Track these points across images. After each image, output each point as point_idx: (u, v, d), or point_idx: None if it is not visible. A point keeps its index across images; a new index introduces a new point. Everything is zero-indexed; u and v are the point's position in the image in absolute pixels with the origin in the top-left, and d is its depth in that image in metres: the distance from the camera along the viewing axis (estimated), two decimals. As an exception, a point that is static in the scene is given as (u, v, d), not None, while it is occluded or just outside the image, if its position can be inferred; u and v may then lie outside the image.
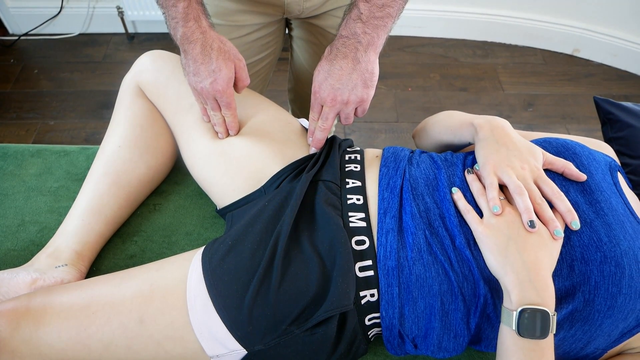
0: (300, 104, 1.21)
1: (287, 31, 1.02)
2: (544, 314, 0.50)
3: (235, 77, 0.70)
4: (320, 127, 0.72)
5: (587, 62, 1.99)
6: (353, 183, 0.68)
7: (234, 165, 0.72)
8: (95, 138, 1.66)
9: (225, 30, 0.85)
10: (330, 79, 0.69)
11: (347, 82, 0.68)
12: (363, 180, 0.68)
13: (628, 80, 1.92)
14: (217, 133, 0.74)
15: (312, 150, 0.75)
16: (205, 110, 0.73)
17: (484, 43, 2.06)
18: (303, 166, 0.71)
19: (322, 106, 0.71)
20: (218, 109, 0.71)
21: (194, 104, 0.75)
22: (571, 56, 2.01)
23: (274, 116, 0.78)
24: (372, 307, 0.60)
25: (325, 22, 0.91)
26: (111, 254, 0.79)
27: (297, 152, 0.74)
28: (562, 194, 0.57)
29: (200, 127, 0.75)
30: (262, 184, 0.70)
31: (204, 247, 0.64)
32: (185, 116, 0.76)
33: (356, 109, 0.73)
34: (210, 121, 0.74)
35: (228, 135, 0.74)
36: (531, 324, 0.50)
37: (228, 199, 0.73)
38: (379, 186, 0.66)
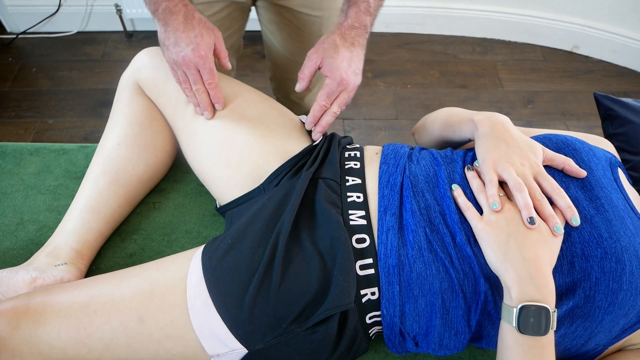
0: (284, 92, 1.20)
1: (257, 19, 1.03)
2: (545, 311, 0.50)
3: (215, 49, 0.72)
4: (334, 113, 0.74)
5: (586, 59, 1.99)
6: (353, 180, 0.68)
7: (236, 159, 0.72)
8: (94, 136, 1.66)
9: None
10: (353, 65, 0.72)
11: (360, 70, 0.74)
12: (363, 178, 0.68)
13: (628, 76, 1.92)
14: (217, 127, 0.74)
15: (317, 136, 0.75)
16: (185, 90, 0.73)
17: (483, 40, 2.06)
18: (302, 162, 0.71)
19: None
20: (200, 80, 0.71)
21: (193, 100, 0.75)
22: (571, 53, 2.01)
23: (276, 111, 0.78)
24: (373, 305, 0.60)
25: (295, 2, 0.92)
26: (111, 252, 0.79)
27: (298, 149, 0.74)
28: (562, 190, 0.57)
29: (201, 121, 0.75)
30: (261, 182, 0.70)
31: (204, 245, 0.64)
32: (186, 111, 0.76)
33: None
34: (192, 101, 0.74)
35: (214, 112, 0.74)
36: (531, 320, 0.50)
37: (229, 194, 0.73)
38: (379, 184, 0.66)
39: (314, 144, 0.74)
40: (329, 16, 0.95)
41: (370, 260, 0.60)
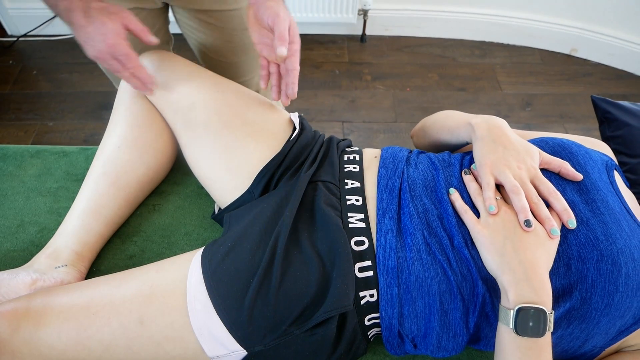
0: None
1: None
2: (541, 312, 0.50)
3: (130, 30, 0.72)
4: (295, 66, 0.74)
5: (584, 62, 1.99)
6: (352, 184, 0.68)
7: (235, 163, 0.72)
8: (94, 139, 1.66)
9: None
10: (289, 16, 0.72)
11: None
12: (362, 181, 0.68)
13: (625, 79, 1.93)
14: (218, 130, 0.75)
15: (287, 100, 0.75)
16: (125, 78, 0.74)
17: (482, 43, 2.06)
18: (299, 163, 0.72)
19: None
20: (123, 67, 0.71)
21: (194, 102, 0.76)
22: (569, 56, 2.02)
23: (277, 115, 0.78)
24: (372, 307, 0.60)
25: (207, 3, 0.90)
26: (111, 254, 0.79)
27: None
28: (558, 193, 0.58)
29: (202, 124, 0.75)
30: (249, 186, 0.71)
31: (203, 247, 0.64)
32: (187, 114, 0.76)
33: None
34: (135, 87, 0.74)
35: (152, 91, 0.74)
36: (528, 322, 0.50)
37: (228, 197, 0.73)
38: (377, 187, 0.66)
39: (292, 136, 0.75)
40: (246, 6, 0.93)
41: (369, 263, 0.60)
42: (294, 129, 0.77)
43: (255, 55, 1.03)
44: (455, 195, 0.61)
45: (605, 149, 0.70)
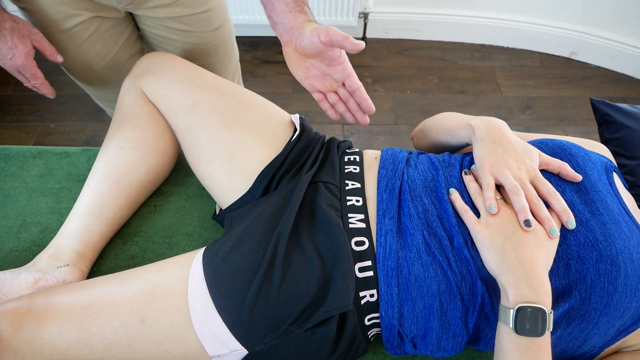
0: None
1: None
2: (541, 312, 0.50)
3: (39, 50, 0.79)
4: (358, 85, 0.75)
5: (584, 65, 2.00)
6: (352, 185, 0.69)
7: (237, 164, 0.73)
8: (95, 140, 1.66)
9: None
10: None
11: None
12: (362, 182, 0.69)
13: (625, 82, 1.93)
14: (219, 131, 0.75)
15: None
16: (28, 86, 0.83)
17: (482, 46, 2.07)
18: (300, 164, 0.72)
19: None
20: (27, 81, 0.81)
21: (195, 103, 0.76)
22: (568, 59, 2.03)
23: (278, 117, 0.79)
24: (372, 307, 0.60)
25: (176, 9, 0.89)
26: (112, 254, 0.79)
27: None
28: (557, 193, 0.58)
29: (203, 125, 0.76)
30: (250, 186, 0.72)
31: (204, 247, 0.64)
32: (188, 115, 0.77)
33: None
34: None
35: (54, 93, 0.85)
36: (528, 322, 0.50)
37: (230, 197, 0.74)
38: (377, 188, 0.66)
39: (292, 138, 0.75)
40: (213, 7, 0.93)
41: (369, 263, 0.60)
42: (295, 130, 0.77)
43: (226, 53, 1.03)
44: (455, 195, 0.62)
45: (604, 151, 0.71)
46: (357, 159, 0.73)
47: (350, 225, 0.63)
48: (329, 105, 0.79)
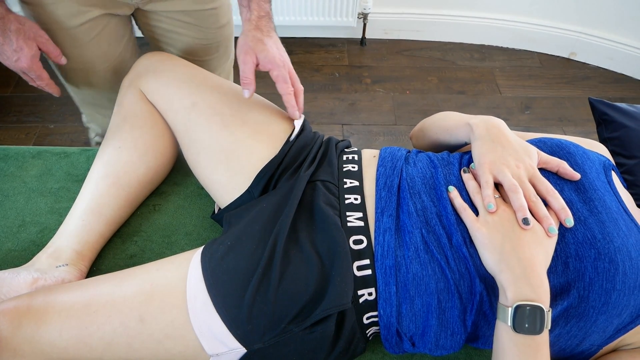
0: None
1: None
2: (539, 310, 0.50)
3: (44, 52, 0.79)
4: (301, 89, 0.79)
5: (583, 65, 2.00)
6: (351, 183, 0.69)
7: (236, 164, 0.73)
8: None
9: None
10: (280, 47, 0.78)
11: (283, 49, 0.80)
12: (361, 180, 0.69)
13: (624, 83, 1.94)
14: (218, 131, 0.75)
15: (298, 115, 0.78)
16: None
17: (482, 46, 2.08)
18: (298, 163, 0.72)
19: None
20: (32, 81, 0.81)
21: (195, 103, 0.76)
22: (568, 59, 2.03)
23: (278, 117, 0.79)
24: (370, 305, 0.60)
25: (185, 2, 0.90)
26: (111, 253, 0.79)
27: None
28: (556, 192, 0.58)
29: (202, 125, 0.76)
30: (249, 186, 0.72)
31: (203, 246, 0.64)
32: (187, 115, 0.77)
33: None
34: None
35: (59, 92, 0.84)
36: (526, 319, 0.50)
37: (228, 197, 0.74)
38: (376, 185, 0.66)
39: (291, 137, 0.75)
40: (221, 4, 0.96)
41: (367, 261, 0.61)
42: (294, 129, 0.77)
43: (225, 51, 1.05)
44: (454, 193, 0.62)
45: (602, 150, 0.71)
46: (356, 158, 0.74)
47: (349, 224, 0.63)
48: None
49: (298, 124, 0.77)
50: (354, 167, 0.71)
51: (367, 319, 0.61)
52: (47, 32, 0.79)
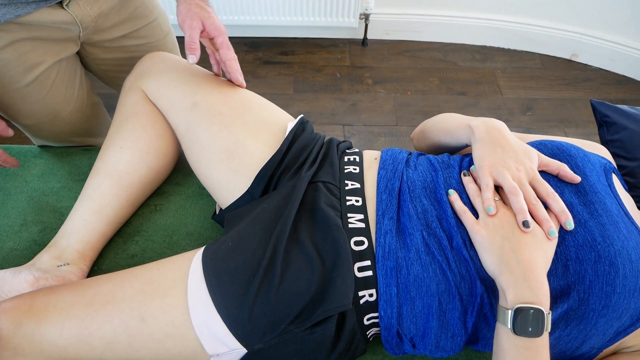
0: None
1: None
2: (539, 313, 0.51)
3: None
4: (233, 58, 0.79)
5: (585, 67, 2.00)
6: (352, 185, 0.69)
7: (236, 164, 0.73)
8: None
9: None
10: (216, 18, 0.78)
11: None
12: (362, 182, 0.69)
13: (626, 84, 1.93)
14: (219, 131, 0.75)
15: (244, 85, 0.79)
16: None
17: (483, 47, 2.07)
18: (299, 164, 0.72)
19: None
20: None
21: (196, 103, 0.77)
22: (569, 61, 2.03)
23: (278, 117, 0.79)
24: (371, 306, 0.60)
25: (130, 24, 0.92)
26: (112, 253, 0.79)
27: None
28: (556, 194, 0.58)
29: (203, 125, 0.76)
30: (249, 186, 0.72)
31: (204, 246, 0.64)
32: (188, 115, 0.77)
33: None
34: None
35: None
36: (526, 322, 0.51)
37: (229, 197, 0.74)
38: (377, 188, 0.67)
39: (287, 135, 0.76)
40: (159, 13, 0.98)
41: (368, 263, 0.61)
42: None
43: (176, 54, 1.06)
44: (454, 196, 0.62)
45: (604, 152, 0.71)
46: (357, 159, 0.74)
47: (350, 225, 0.63)
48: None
49: (293, 123, 0.78)
50: (355, 169, 0.71)
51: (368, 320, 0.61)
52: (1, 95, 0.78)
